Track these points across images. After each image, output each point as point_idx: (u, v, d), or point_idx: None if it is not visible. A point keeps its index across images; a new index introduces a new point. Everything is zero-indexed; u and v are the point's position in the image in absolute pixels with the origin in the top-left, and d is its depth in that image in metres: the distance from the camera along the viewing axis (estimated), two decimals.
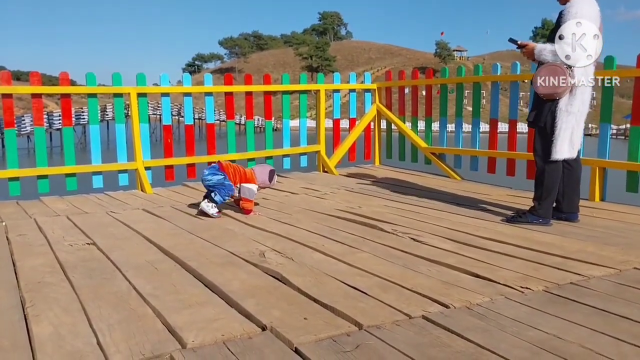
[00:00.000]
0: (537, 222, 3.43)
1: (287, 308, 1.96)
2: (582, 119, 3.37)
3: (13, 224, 3.61)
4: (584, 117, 3.39)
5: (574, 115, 3.32)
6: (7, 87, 4.97)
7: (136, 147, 5.24)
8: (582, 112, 3.35)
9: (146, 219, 3.74)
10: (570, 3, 3.30)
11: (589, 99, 3.39)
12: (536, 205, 3.48)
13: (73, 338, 1.69)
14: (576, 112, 3.32)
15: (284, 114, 6.19)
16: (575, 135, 3.36)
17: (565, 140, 3.33)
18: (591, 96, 3.44)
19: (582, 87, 3.31)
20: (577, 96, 3.30)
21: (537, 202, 3.48)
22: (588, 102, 3.38)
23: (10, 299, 2.08)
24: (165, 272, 2.43)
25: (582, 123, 3.40)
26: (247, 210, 3.83)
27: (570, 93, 3.30)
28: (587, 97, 3.36)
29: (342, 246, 2.87)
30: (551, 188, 3.45)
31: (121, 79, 5.30)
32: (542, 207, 3.45)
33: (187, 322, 1.81)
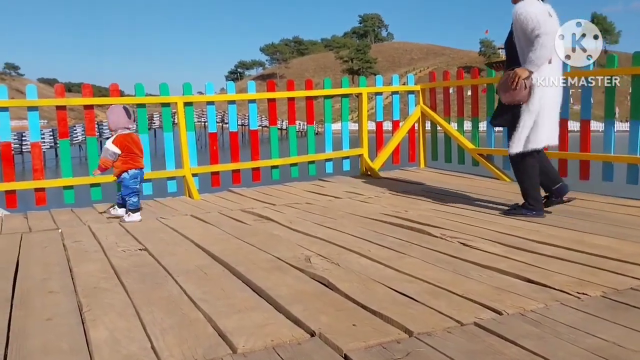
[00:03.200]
0: (531, 214, 3.62)
1: (335, 314, 1.95)
2: (547, 115, 3.55)
3: (68, 231, 3.74)
4: (551, 113, 3.59)
5: (533, 113, 3.51)
6: (61, 99, 5.17)
7: (184, 154, 5.36)
8: (544, 109, 3.53)
9: (194, 225, 3.81)
10: (516, 7, 3.49)
11: (551, 97, 3.55)
12: (526, 200, 3.68)
13: (128, 342, 1.73)
14: (535, 110, 3.51)
15: (325, 118, 6.19)
16: (540, 131, 3.54)
17: (523, 135, 3.54)
18: (560, 95, 3.65)
19: (539, 88, 3.48)
20: (535, 96, 3.49)
21: (524, 196, 3.69)
22: (551, 101, 3.56)
23: (68, 304, 2.15)
24: (215, 277, 2.47)
25: (549, 119, 3.57)
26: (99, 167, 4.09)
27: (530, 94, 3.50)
28: (548, 96, 3.53)
29: (389, 251, 2.84)
30: (529, 181, 3.67)
31: (168, 89, 5.44)
32: (530, 200, 3.66)
33: (237, 327, 1.83)
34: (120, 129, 4.07)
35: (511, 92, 3.53)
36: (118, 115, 4.09)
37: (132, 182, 4.09)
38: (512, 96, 3.55)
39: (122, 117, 4.07)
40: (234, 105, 5.79)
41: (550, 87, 3.53)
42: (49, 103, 5.22)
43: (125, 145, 4.05)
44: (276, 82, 6.52)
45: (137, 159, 4.13)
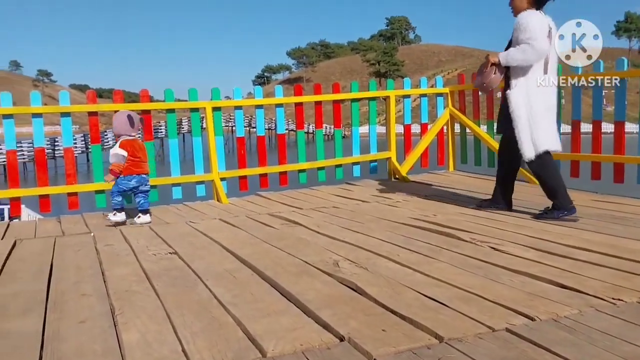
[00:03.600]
0: (563, 215, 3.59)
1: (364, 319, 1.94)
2: (540, 119, 3.61)
3: (100, 234, 3.81)
4: (545, 118, 3.63)
5: (524, 118, 3.60)
6: (93, 105, 5.29)
7: (212, 159, 5.41)
8: (536, 113, 3.60)
9: (223, 229, 3.84)
10: (519, 17, 3.60)
11: (542, 101, 3.62)
12: (555, 201, 3.66)
13: (159, 345, 1.76)
14: (525, 114, 3.59)
15: (353, 121, 6.18)
16: (541, 133, 3.60)
17: (526, 139, 3.60)
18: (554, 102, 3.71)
19: (529, 93, 3.59)
20: (511, 102, 3.61)
21: (552, 197, 3.68)
22: (542, 104, 3.62)
23: (101, 307, 2.19)
24: (243, 280, 2.48)
25: (544, 122, 3.62)
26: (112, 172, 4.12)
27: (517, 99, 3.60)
28: (537, 100, 3.61)
29: (418, 256, 2.82)
30: (554, 181, 3.69)
31: (197, 94, 5.51)
32: (559, 200, 3.64)
33: (266, 330, 1.83)
34: (123, 135, 4.20)
35: (482, 76, 3.71)
36: (121, 122, 4.21)
37: (124, 184, 4.18)
38: (481, 79, 3.72)
39: (125, 125, 4.20)
40: (261, 109, 5.83)
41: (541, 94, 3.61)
42: (81, 109, 5.34)
43: (130, 149, 4.16)
44: (303, 85, 6.53)
45: (140, 164, 4.23)
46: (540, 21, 3.58)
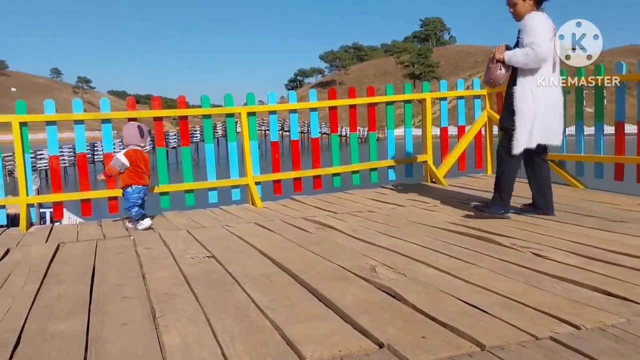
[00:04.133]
0: (500, 212, 3.84)
1: (403, 325, 1.92)
2: (541, 118, 3.70)
3: (140, 237, 3.88)
4: (547, 116, 3.73)
5: (527, 114, 3.68)
6: (133, 111, 5.39)
7: (247, 163, 5.46)
8: (539, 111, 3.69)
9: (258, 233, 3.86)
10: (524, 20, 3.67)
11: (544, 100, 3.70)
12: (497, 197, 3.88)
13: (200, 348, 1.77)
14: (529, 111, 3.68)
15: (388, 124, 6.13)
16: (535, 132, 3.71)
17: (523, 134, 3.70)
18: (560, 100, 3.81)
19: (533, 90, 3.67)
20: (528, 98, 3.68)
21: (497, 194, 3.88)
22: (544, 103, 3.70)
23: (142, 309, 2.23)
24: (280, 285, 2.49)
25: (544, 122, 3.72)
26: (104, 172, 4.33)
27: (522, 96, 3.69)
28: (541, 98, 3.69)
29: (457, 261, 2.77)
30: (509, 180, 3.87)
31: (232, 100, 5.57)
32: (502, 199, 3.86)
33: (305, 336, 1.83)
34: (131, 145, 4.35)
35: (489, 71, 3.82)
36: (131, 132, 4.36)
37: (134, 197, 4.31)
38: (488, 75, 3.84)
39: (135, 135, 4.35)
40: (295, 114, 5.85)
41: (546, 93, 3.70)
42: (121, 115, 5.45)
43: (134, 159, 4.29)
44: (335, 89, 6.52)
45: (142, 175, 4.35)
46: (544, 24, 3.65)
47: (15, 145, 4.77)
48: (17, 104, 4.96)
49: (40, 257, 3.33)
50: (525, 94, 3.71)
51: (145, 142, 4.44)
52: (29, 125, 4.90)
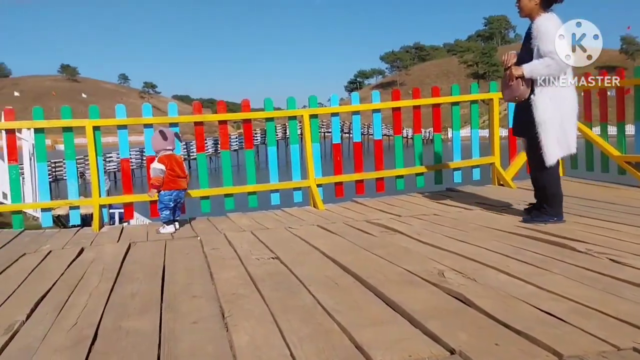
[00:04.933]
0: (552, 220, 3.67)
1: (474, 332, 1.85)
2: (564, 126, 3.62)
3: (206, 238, 3.97)
4: (570, 123, 3.66)
5: (550, 123, 3.59)
6: (199, 115, 5.54)
7: (309, 165, 5.48)
8: (562, 119, 3.61)
9: (321, 235, 3.85)
10: (537, 24, 3.58)
11: (564, 107, 3.62)
12: (548, 209, 3.73)
13: (268, 349, 1.78)
14: (553, 120, 3.59)
15: (453, 125, 5.99)
16: (562, 141, 3.64)
17: (552, 144, 3.61)
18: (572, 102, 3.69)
19: (552, 98, 3.59)
20: (548, 107, 3.59)
21: (547, 206, 3.74)
22: (565, 111, 3.63)
23: (211, 309, 2.27)
24: (346, 288, 2.46)
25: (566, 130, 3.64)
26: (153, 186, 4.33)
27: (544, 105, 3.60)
28: (560, 106, 3.61)
29: (529, 267, 2.66)
30: (556, 189, 3.74)
31: (295, 103, 5.61)
32: (554, 208, 3.73)
33: (373, 340, 1.80)
34: (161, 150, 4.44)
35: (510, 89, 3.70)
36: (156, 138, 4.47)
37: (166, 199, 4.36)
38: (511, 93, 3.72)
39: (159, 140, 4.44)
40: (358, 115, 5.82)
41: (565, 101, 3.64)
42: (188, 119, 5.61)
43: (168, 163, 4.35)
44: (399, 89, 6.44)
45: (175, 179, 4.39)
46: (558, 28, 3.58)
47: (89, 148, 5.00)
48: (90, 109, 5.20)
49: (113, 256, 3.47)
50: (546, 103, 3.61)
51: (172, 144, 4.49)
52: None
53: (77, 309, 2.35)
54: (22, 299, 2.56)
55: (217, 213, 5.28)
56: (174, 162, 4.40)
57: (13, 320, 2.22)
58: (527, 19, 3.73)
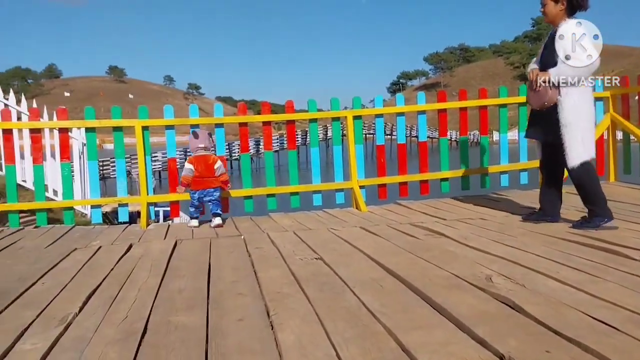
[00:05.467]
0: (604, 222, 3.60)
1: (524, 338, 1.81)
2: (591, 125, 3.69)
3: (250, 237, 4.01)
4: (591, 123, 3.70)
5: (577, 125, 3.60)
6: (244, 116, 5.62)
7: (352, 167, 5.47)
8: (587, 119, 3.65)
9: (365, 237, 3.84)
10: (563, 30, 3.61)
11: (589, 106, 3.69)
12: (594, 209, 3.66)
13: (314, 348, 1.78)
14: (580, 122, 3.61)
15: (501, 128, 5.87)
16: (588, 140, 3.64)
17: (578, 145, 3.60)
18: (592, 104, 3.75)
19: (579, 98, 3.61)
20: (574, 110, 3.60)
21: (593, 206, 3.67)
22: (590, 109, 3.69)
23: (256, 307, 2.29)
24: (391, 290, 2.45)
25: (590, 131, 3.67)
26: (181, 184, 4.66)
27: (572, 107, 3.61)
28: (586, 106, 3.65)
29: (580, 274, 2.57)
30: (597, 188, 3.70)
31: (339, 104, 5.61)
32: (600, 207, 3.65)
33: (419, 343, 1.78)
34: (194, 150, 4.70)
35: (538, 95, 3.69)
36: (190, 139, 4.73)
37: (192, 197, 4.72)
38: (540, 99, 3.69)
39: (192, 141, 4.71)
40: (402, 117, 5.77)
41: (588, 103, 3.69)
42: (233, 120, 5.70)
43: (195, 164, 4.63)
44: (445, 91, 6.35)
45: (200, 181, 4.64)
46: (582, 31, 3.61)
47: (138, 147, 5.14)
48: (139, 110, 5.35)
49: (160, 253, 3.55)
50: (573, 105, 3.62)
51: (204, 142, 4.69)
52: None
53: (127, 303, 2.42)
54: (75, 292, 2.65)
55: (259, 213, 5.33)
56: (201, 163, 4.63)
57: (66, 312, 2.30)
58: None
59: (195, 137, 4.71)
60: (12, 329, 2.09)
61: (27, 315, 2.26)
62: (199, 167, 4.62)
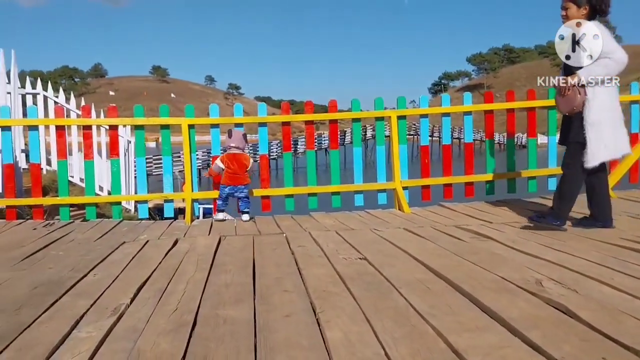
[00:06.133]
0: (556, 224, 3.77)
1: (579, 344, 1.75)
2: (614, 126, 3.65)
3: (292, 235, 4.03)
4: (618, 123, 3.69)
5: (601, 124, 3.59)
6: (287, 116, 5.65)
7: (395, 167, 5.43)
8: (611, 118, 3.65)
9: (409, 238, 3.80)
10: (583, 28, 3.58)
11: (615, 106, 3.69)
12: (556, 209, 3.83)
13: (362, 347, 1.77)
14: (605, 120, 3.61)
15: (549, 130, 5.71)
16: (611, 142, 3.62)
17: (597, 146, 3.60)
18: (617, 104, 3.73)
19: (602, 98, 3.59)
20: (598, 108, 3.58)
21: (558, 206, 3.83)
22: (615, 109, 3.69)
23: (302, 303, 2.30)
24: (438, 292, 2.41)
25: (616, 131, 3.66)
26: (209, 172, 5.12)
27: (597, 106, 3.58)
28: (615, 104, 3.68)
29: (637, 281, 2.48)
30: (575, 194, 3.82)
31: (383, 103, 5.57)
32: (562, 211, 3.82)
33: (470, 345, 1.75)
34: (227, 148, 5.00)
35: (567, 100, 3.65)
36: (229, 135, 5.02)
37: (221, 191, 5.00)
38: (569, 104, 3.66)
39: (227, 140, 5.02)
40: (448, 117, 5.69)
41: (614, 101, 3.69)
42: (276, 119, 5.74)
43: (226, 162, 4.93)
44: (492, 92, 6.23)
45: (232, 176, 4.93)
46: (605, 30, 3.59)
47: (184, 145, 5.24)
48: (186, 108, 5.45)
49: (206, 248, 3.61)
50: (600, 104, 3.60)
51: (236, 142, 4.96)
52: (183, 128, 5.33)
53: (176, 295, 2.46)
54: (125, 283, 2.72)
55: (299, 212, 5.35)
56: (234, 161, 4.91)
57: (118, 302, 2.36)
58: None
59: (229, 136, 4.99)
60: (68, 317, 2.17)
61: (81, 305, 2.34)
62: (231, 164, 4.91)
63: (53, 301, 2.40)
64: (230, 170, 4.91)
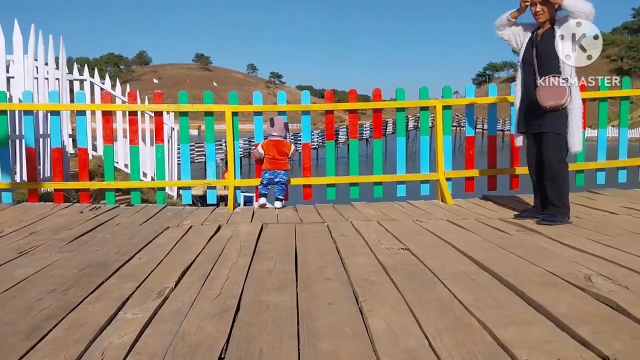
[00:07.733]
0: (565, 221, 3.76)
1: (630, 342, 1.70)
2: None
3: (333, 225, 4.03)
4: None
5: (579, 109, 3.76)
6: (331, 104, 5.64)
7: (439, 158, 5.35)
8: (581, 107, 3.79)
9: (452, 230, 3.75)
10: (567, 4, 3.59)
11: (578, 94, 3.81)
12: (561, 207, 3.79)
13: (406, 337, 1.77)
14: (580, 106, 3.78)
15: (600, 123, 5.52)
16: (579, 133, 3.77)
17: (579, 131, 3.74)
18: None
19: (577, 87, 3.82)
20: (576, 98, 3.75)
21: (561, 203, 3.78)
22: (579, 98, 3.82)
23: (345, 292, 2.30)
24: (483, 284, 2.38)
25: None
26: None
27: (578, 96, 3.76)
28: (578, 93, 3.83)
29: None
30: (567, 187, 3.85)
31: (428, 93, 5.49)
32: (566, 207, 3.81)
33: (516, 339, 1.72)
34: (268, 135, 5.20)
35: (556, 93, 3.68)
36: (268, 125, 5.21)
37: (263, 177, 5.17)
38: (557, 98, 3.68)
39: (267, 127, 5.22)
40: (494, 108, 5.57)
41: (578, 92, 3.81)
42: (320, 108, 5.74)
43: (265, 148, 5.15)
44: None
45: (270, 161, 5.13)
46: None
47: (227, 132, 5.30)
48: (230, 96, 5.50)
49: (248, 235, 3.65)
50: (578, 92, 3.79)
51: (277, 131, 5.14)
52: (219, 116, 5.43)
53: (219, 280, 2.51)
54: (170, 267, 2.79)
55: (340, 201, 5.34)
56: (273, 147, 5.13)
57: (163, 286, 2.42)
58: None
59: (271, 124, 5.17)
60: (114, 299, 2.23)
61: (127, 287, 2.40)
62: (270, 151, 5.13)
63: (100, 282, 2.47)
64: (269, 156, 5.11)
